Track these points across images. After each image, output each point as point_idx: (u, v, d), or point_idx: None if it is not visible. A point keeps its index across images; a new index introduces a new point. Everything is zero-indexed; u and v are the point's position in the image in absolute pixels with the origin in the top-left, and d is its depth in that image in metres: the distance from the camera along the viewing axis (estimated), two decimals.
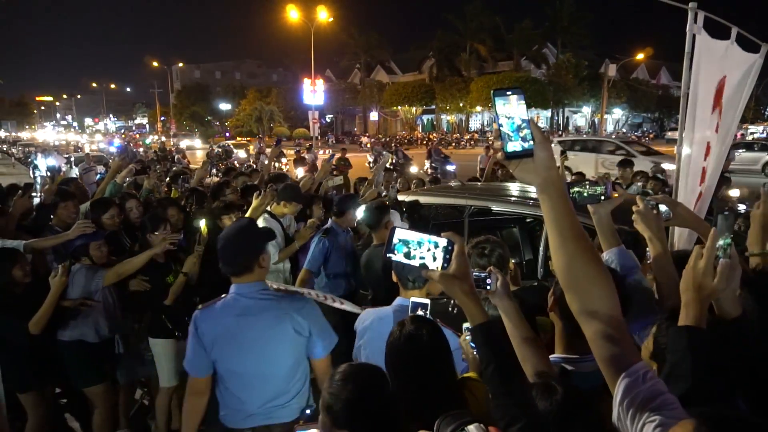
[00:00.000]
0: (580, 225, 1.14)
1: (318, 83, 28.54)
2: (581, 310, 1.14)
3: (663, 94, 51.05)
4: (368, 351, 2.40)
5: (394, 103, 51.15)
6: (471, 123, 52.46)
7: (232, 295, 2.34)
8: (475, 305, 1.30)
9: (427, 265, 1.28)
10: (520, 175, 1.11)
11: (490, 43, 48.67)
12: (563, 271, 1.15)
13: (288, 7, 27.33)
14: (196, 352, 2.32)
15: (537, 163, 1.08)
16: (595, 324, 1.13)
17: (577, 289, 1.14)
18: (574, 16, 47.16)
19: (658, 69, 57.37)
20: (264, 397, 2.33)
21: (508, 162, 1.11)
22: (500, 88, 1.09)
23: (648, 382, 1.07)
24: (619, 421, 1.10)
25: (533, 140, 1.07)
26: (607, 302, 1.13)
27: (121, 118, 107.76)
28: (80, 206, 4.88)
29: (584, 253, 1.12)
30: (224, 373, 2.34)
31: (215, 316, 2.32)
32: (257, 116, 51.86)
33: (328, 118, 61.67)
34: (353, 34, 54.80)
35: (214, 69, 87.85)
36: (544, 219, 1.15)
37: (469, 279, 1.30)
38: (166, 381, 3.75)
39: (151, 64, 58.53)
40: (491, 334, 1.30)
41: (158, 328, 3.73)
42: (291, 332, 2.31)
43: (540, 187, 1.11)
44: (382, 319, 2.42)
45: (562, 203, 1.11)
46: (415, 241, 1.28)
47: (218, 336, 2.29)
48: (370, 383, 1.58)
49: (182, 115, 63.68)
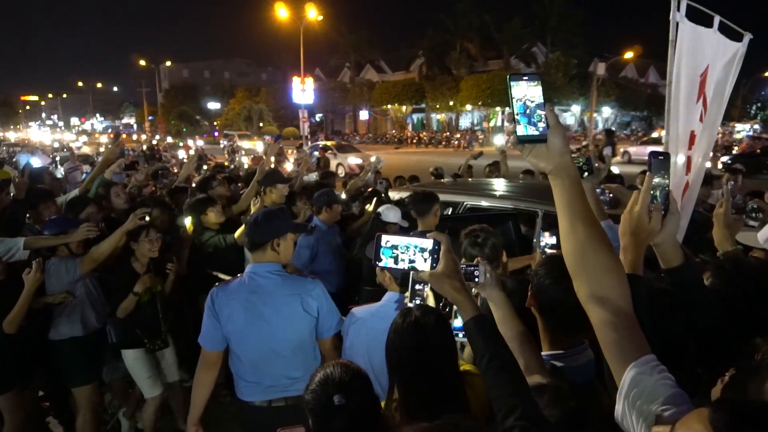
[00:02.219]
0: (593, 212, 1.13)
1: (307, 82, 28.43)
2: (589, 296, 1.11)
3: (652, 92, 51.45)
4: (361, 350, 2.32)
5: (384, 101, 51.09)
6: (461, 121, 52.55)
7: (248, 273, 2.50)
8: (467, 300, 1.31)
9: (416, 267, 1.31)
10: (533, 161, 1.10)
11: (479, 42, 48.75)
12: (573, 256, 1.13)
13: (277, 6, 27.17)
14: (210, 327, 2.45)
15: (550, 149, 1.08)
16: (603, 312, 1.10)
17: (587, 276, 1.12)
18: (563, 15, 47.34)
19: (646, 68, 57.81)
20: (278, 372, 2.46)
21: (520, 146, 1.09)
22: (516, 73, 1.09)
23: (657, 375, 1.03)
24: (623, 416, 1.03)
25: (547, 125, 1.06)
26: (617, 291, 1.10)
27: (108, 118, 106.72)
28: (59, 198, 4.80)
29: (595, 239, 1.10)
30: (238, 348, 2.47)
31: (230, 293, 2.46)
32: (246, 115, 51.54)
33: (318, 117, 61.50)
34: (343, 32, 54.61)
35: (202, 68, 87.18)
36: (556, 204, 1.13)
37: (458, 276, 1.32)
38: (148, 392, 3.67)
39: (138, 63, 57.99)
40: (484, 326, 1.30)
41: (128, 338, 3.62)
42: (300, 311, 2.46)
43: (553, 172, 1.10)
44: (374, 315, 2.37)
45: (574, 189, 1.10)
46: (402, 245, 1.31)
47: (233, 311, 2.42)
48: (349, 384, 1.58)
49: (170, 115, 63.17)
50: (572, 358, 1.59)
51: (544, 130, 1.06)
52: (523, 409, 1.14)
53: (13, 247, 3.33)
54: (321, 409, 1.56)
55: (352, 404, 1.54)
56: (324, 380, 1.60)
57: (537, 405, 1.19)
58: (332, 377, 1.59)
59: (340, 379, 1.59)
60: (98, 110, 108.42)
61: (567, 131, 15.01)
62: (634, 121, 55.23)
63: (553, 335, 1.64)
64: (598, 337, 1.12)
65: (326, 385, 1.58)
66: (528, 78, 1.07)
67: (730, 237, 2.22)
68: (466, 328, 1.31)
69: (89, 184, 5.22)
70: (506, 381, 1.21)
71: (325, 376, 1.61)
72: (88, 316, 3.58)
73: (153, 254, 3.63)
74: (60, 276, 3.41)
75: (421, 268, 1.30)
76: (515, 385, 1.21)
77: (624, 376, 1.05)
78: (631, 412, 1.02)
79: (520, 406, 1.15)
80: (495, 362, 1.23)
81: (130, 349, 3.62)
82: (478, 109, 48.11)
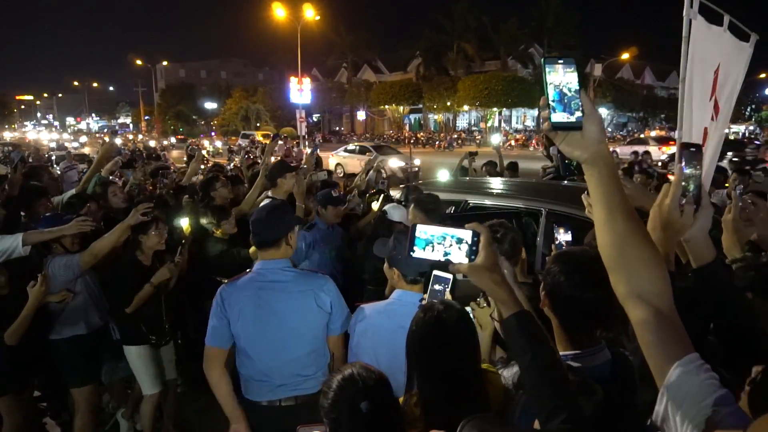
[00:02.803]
0: (631, 203, 1.06)
1: (305, 82, 28.37)
2: (629, 293, 1.05)
3: (648, 94, 51.66)
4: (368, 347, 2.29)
5: (381, 102, 51.05)
6: (458, 122, 52.57)
7: (257, 270, 2.45)
8: (509, 295, 1.24)
9: (451, 259, 1.24)
10: (567, 149, 1.04)
11: (476, 43, 48.81)
12: (610, 249, 1.07)
13: (274, 6, 27.10)
14: (218, 325, 2.39)
15: (586, 137, 1.02)
16: (643, 309, 1.03)
17: (626, 271, 1.05)
18: (560, 17, 47.49)
19: (642, 69, 58.02)
20: (287, 369, 2.39)
21: (554, 133, 1.04)
22: (551, 56, 1.03)
23: (703, 374, 0.97)
24: (665, 417, 0.98)
25: (582, 112, 1.00)
26: (659, 286, 1.04)
27: (104, 118, 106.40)
28: (55, 198, 4.74)
29: (635, 232, 1.04)
30: (247, 346, 2.40)
31: (239, 290, 2.40)
32: (243, 115, 51.45)
33: (315, 117, 61.40)
34: (340, 32, 54.61)
35: (199, 68, 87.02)
36: (591, 195, 1.07)
37: (499, 269, 1.24)
38: (149, 388, 3.63)
39: (134, 62, 57.76)
40: (527, 323, 1.22)
41: (132, 334, 3.58)
42: (314, 307, 2.40)
43: (588, 161, 1.04)
44: (381, 313, 2.33)
45: (611, 179, 1.04)
46: (438, 235, 1.24)
47: (242, 308, 2.36)
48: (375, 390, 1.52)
49: (167, 114, 62.98)
50: (589, 358, 1.54)
51: (579, 117, 1.01)
52: (569, 413, 1.09)
53: (12, 244, 3.27)
54: (344, 416, 1.49)
55: (379, 410, 1.48)
56: (347, 385, 1.52)
57: (581, 409, 1.14)
58: (356, 382, 1.52)
59: (365, 385, 1.51)
60: (94, 110, 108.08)
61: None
62: (630, 122, 55.40)
63: (569, 334, 1.59)
64: (638, 334, 1.06)
65: (350, 390, 1.51)
66: (563, 62, 1.02)
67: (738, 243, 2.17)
68: (507, 325, 1.24)
69: (86, 183, 5.17)
70: (550, 381, 1.14)
71: (348, 381, 1.53)
72: (91, 314, 3.54)
73: (161, 247, 3.63)
74: (60, 274, 3.36)
75: (457, 260, 1.23)
76: (559, 387, 1.14)
77: (668, 375, 1.00)
78: (675, 413, 0.97)
79: (565, 408, 1.09)
80: (538, 361, 1.16)
81: (134, 345, 3.58)
82: (475, 110, 48.15)
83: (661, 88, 56.93)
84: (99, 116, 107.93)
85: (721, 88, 3.26)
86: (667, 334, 1.02)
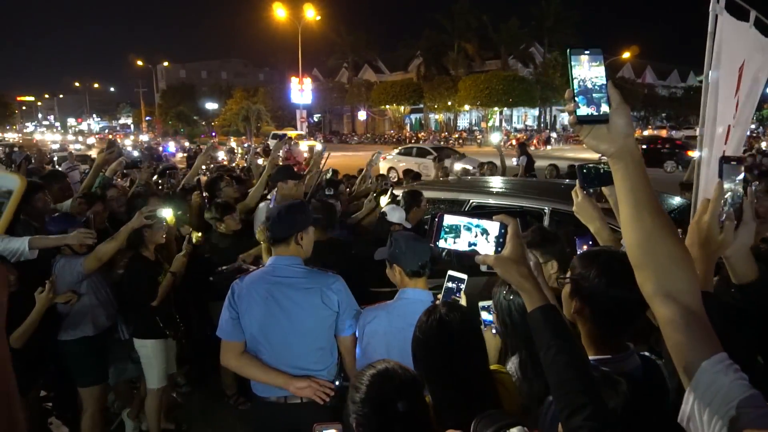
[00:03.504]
0: (658, 199, 1.03)
1: (305, 82, 28.41)
2: (656, 291, 1.02)
3: (648, 93, 51.61)
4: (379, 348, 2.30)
5: (382, 102, 51.05)
6: (459, 122, 52.56)
7: (270, 266, 2.50)
8: (535, 288, 1.21)
9: (477, 250, 1.21)
10: (593, 143, 1.02)
11: (477, 42, 48.80)
12: (638, 247, 1.03)
13: (275, 6, 27.13)
14: (228, 318, 2.43)
15: (612, 130, 0.99)
16: (671, 307, 1.00)
17: (653, 268, 1.02)
18: (560, 16, 47.49)
19: (643, 68, 58.01)
20: (294, 366, 2.41)
21: (579, 127, 1.01)
22: (576, 46, 0.99)
23: (733, 374, 0.94)
24: (691, 416, 0.96)
25: (609, 105, 0.98)
26: (687, 284, 1.01)
27: (105, 118, 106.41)
28: (63, 203, 4.74)
29: (663, 228, 1.01)
30: (254, 340, 2.44)
31: (250, 284, 2.45)
32: (244, 115, 51.44)
33: (316, 117, 61.41)
34: (341, 33, 54.63)
35: (199, 68, 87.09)
36: (617, 191, 1.05)
37: (526, 261, 1.22)
38: (156, 383, 3.69)
39: (135, 63, 57.82)
40: (553, 317, 1.19)
41: (146, 328, 3.64)
42: (320, 304, 2.43)
43: (615, 155, 1.01)
44: (390, 313, 2.34)
45: (639, 174, 1.01)
46: (464, 225, 1.22)
47: (251, 302, 2.41)
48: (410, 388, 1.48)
49: (168, 115, 63.02)
50: (619, 364, 1.48)
51: (606, 110, 0.98)
52: (593, 409, 1.05)
53: (19, 247, 3.29)
54: (377, 412, 1.43)
55: (413, 410, 1.43)
56: (382, 381, 1.47)
57: (606, 405, 1.11)
58: (392, 379, 1.46)
59: (401, 382, 1.46)
60: (95, 111, 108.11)
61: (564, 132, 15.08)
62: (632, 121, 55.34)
63: (601, 340, 1.53)
64: (665, 334, 1.03)
65: (385, 387, 1.45)
66: (590, 53, 1.00)
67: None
68: (533, 318, 1.21)
69: (89, 184, 5.19)
70: (574, 377, 1.10)
71: (383, 376, 1.48)
72: (98, 315, 3.56)
73: (162, 241, 3.75)
74: (65, 275, 3.38)
75: (483, 251, 1.20)
76: (584, 383, 1.11)
77: (695, 375, 0.97)
78: (702, 413, 0.94)
79: (589, 405, 1.06)
80: (562, 356, 1.13)
81: (150, 339, 3.64)
82: (476, 109, 48.12)
83: (662, 87, 56.91)
84: (100, 117, 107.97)
85: (745, 85, 3.24)
86: (696, 333, 0.99)
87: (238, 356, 2.43)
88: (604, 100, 0.99)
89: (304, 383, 2.35)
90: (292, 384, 2.35)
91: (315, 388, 2.34)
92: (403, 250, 2.41)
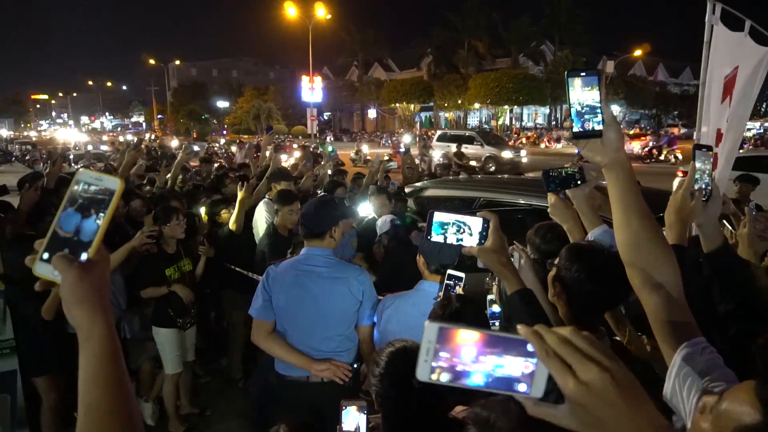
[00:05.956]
0: (645, 204, 1.19)
1: (316, 80, 28.47)
2: (644, 283, 1.19)
3: (660, 90, 51.12)
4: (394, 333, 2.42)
5: (392, 100, 51.02)
6: (469, 120, 52.46)
7: (303, 254, 2.67)
8: (513, 274, 1.42)
9: (464, 243, 1.38)
10: (588, 155, 1.16)
11: (487, 40, 48.66)
12: (628, 246, 1.20)
13: (286, 5, 27.21)
14: (262, 299, 2.60)
15: (605, 144, 1.13)
16: (656, 298, 1.17)
17: (641, 264, 1.19)
18: (571, 14, 47.19)
19: (655, 66, 57.49)
20: (317, 347, 2.57)
21: (576, 141, 1.15)
22: (575, 69, 1.13)
23: (707, 355, 1.10)
24: (673, 393, 1.11)
25: (602, 121, 1.11)
26: (672, 276, 1.18)
27: (118, 116, 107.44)
28: None
29: (650, 229, 1.18)
30: (282, 321, 2.61)
31: (284, 269, 2.63)
32: (255, 114, 51.72)
33: (326, 115, 61.60)
34: (351, 31, 54.68)
35: (210, 67, 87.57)
36: (610, 197, 1.20)
37: (505, 252, 1.40)
38: (171, 368, 3.90)
39: (147, 62, 58.25)
40: (528, 298, 1.40)
41: (162, 317, 3.85)
42: (347, 292, 2.60)
43: (608, 166, 1.16)
44: (407, 302, 2.48)
45: (628, 182, 1.16)
46: (452, 222, 1.38)
47: (282, 286, 2.58)
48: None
49: (179, 113, 63.50)
50: None
51: (599, 126, 1.11)
52: None
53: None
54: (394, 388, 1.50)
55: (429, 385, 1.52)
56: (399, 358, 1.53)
57: None
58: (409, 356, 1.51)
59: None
60: (107, 109, 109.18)
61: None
62: (643, 119, 54.90)
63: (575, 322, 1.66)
64: (651, 320, 1.20)
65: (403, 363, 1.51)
66: (586, 75, 1.11)
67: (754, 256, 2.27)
68: (511, 301, 1.40)
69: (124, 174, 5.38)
70: None
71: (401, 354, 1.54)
72: None
73: (181, 236, 3.91)
74: None
75: (469, 244, 1.37)
76: None
77: (675, 356, 1.13)
78: (681, 389, 1.10)
79: None
80: None
81: (163, 328, 3.84)
82: (486, 108, 48.00)
83: (674, 84, 56.38)
84: (113, 115, 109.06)
85: (737, 90, 3.35)
86: (677, 319, 1.15)
87: (267, 336, 2.60)
88: (598, 117, 1.11)
89: (324, 366, 2.50)
90: (313, 366, 2.51)
91: (334, 370, 2.50)
92: (431, 247, 2.54)
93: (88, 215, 0.86)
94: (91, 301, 0.83)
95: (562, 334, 0.66)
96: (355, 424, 1.57)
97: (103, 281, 0.87)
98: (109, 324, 0.84)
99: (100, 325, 0.83)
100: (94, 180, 0.87)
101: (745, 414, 0.82)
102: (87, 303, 0.83)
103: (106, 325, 0.84)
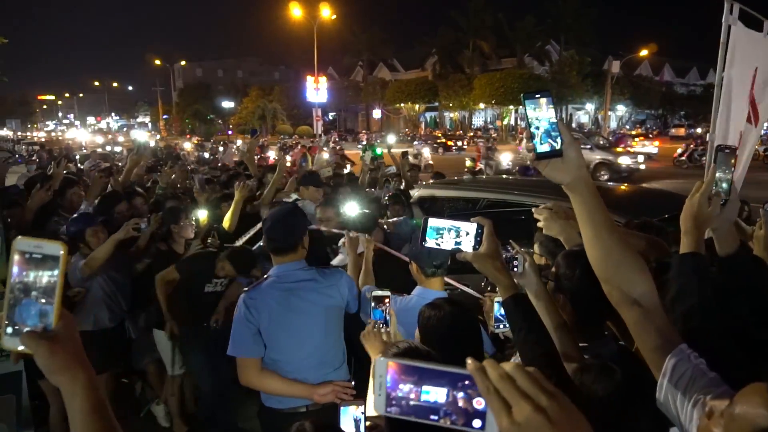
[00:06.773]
0: (612, 219, 1.19)
1: (321, 81, 28.53)
2: (621, 298, 1.19)
3: (666, 90, 50.91)
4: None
5: (397, 100, 51.03)
6: (474, 120, 52.38)
7: (276, 274, 2.42)
8: (507, 279, 1.43)
9: (460, 248, 1.39)
10: (551, 174, 1.16)
11: (493, 40, 48.53)
12: (601, 262, 1.21)
13: (291, 5, 27.26)
14: (246, 333, 2.32)
15: (567, 163, 1.13)
16: (636, 311, 1.18)
17: (616, 279, 1.19)
18: (577, 14, 46.97)
19: (661, 66, 57.20)
20: (313, 372, 2.38)
21: (538, 162, 1.15)
22: (529, 92, 1.13)
23: (695, 360, 1.12)
24: (666, 399, 1.12)
25: (562, 141, 1.12)
26: (647, 287, 1.18)
27: (123, 117, 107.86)
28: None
29: (619, 243, 1.18)
30: (278, 351, 2.36)
31: (265, 294, 2.36)
32: (260, 114, 51.85)
33: (331, 115, 61.66)
34: (356, 31, 54.76)
35: (216, 67, 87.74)
36: (576, 215, 1.20)
37: (499, 257, 1.41)
38: (170, 370, 3.87)
39: (152, 62, 58.56)
40: (522, 303, 1.42)
41: (160, 320, 3.80)
42: (337, 298, 2.50)
43: (570, 185, 1.16)
44: (403, 309, 2.44)
45: (593, 199, 1.17)
46: (446, 228, 1.39)
47: (271, 311, 2.33)
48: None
49: (185, 113, 63.75)
50: (596, 351, 1.62)
51: (560, 146, 1.11)
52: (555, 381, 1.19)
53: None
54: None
55: None
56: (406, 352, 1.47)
57: (571, 380, 1.29)
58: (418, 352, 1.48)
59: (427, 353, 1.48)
60: (114, 109, 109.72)
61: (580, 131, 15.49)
62: (649, 119, 54.68)
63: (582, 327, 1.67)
64: (634, 334, 1.21)
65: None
66: (540, 95, 1.12)
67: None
68: (506, 305, 1.42)
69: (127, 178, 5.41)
70: (541, 354, 1.30)
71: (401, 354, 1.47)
72: (100, 313, 3.70)
73: (191, 236, 3.90)
74: (73, 273, 3.52)
75: (465, 249, 1.38)
76: (549, 359, 1.30)
77: (665, 365, 1.13)
78: (675, 395, 1.10)
79: (552, 377, 1.22)
80: (532, 336, 1.33)
81: (161, 330, 3.80)
82: (491, 108, 47.91)
83: (681, 84, 56.10)
84: (118, 115, 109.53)
85: (759, 91, 3.35)
86: (659, 330, 1.17)
87: (259, 374, 2.35)
88: (557, 137, 1.11)
89: (327, 389, 2.32)
90: (316, 393, 2.32)
91: (337, 391, 2.33)
92: (419, 250, 2.49)
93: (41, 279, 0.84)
94: (69, 365, 0.87)
95: (504, 370, 0.64)
96: (353, 424, 1.57)
97: (74, 341, 0.90)
98: (90, 378, 0.89)
99: (81, 383, 0.88)
100: (34, 248, 0.84)
101: (761, 417, 0.83)
102: (65, 369, 0.87)
103: (87, 380, 0.89)
